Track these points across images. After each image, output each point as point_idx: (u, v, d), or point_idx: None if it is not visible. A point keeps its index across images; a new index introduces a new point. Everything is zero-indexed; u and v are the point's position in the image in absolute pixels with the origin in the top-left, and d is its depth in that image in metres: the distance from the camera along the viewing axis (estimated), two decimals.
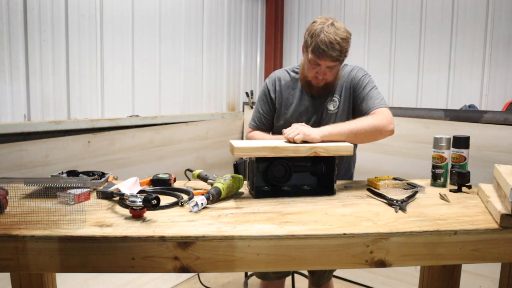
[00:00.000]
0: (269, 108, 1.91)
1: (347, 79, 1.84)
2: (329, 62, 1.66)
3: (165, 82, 3.15)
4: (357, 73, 1.84)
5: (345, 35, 1.67)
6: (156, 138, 2.97)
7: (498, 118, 2.66)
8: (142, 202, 1.19)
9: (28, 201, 1.33)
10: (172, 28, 3.17)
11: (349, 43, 1.69)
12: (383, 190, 1.55)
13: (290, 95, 1.87)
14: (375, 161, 3.03)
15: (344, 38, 1.65)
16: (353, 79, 1.83)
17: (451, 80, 3.25)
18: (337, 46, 1.63)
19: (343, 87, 1.83)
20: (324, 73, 1.71)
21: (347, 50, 1.69)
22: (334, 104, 1.83)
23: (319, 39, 1.63)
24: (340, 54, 1.65)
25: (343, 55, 1.68)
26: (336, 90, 1.84)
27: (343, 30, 1.67)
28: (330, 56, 1.63)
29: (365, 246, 1.13)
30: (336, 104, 1.83)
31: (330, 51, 1.62)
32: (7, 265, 1.09)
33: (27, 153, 2.22)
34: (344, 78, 1.84)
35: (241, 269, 1.13)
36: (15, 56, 2.25)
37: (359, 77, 1.83)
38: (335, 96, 1.83)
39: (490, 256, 1.20)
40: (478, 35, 3.10)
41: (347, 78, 1.84)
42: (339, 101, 1.83)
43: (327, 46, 1.62)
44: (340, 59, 1.68)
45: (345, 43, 1.66)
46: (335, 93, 1.83)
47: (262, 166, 1.54)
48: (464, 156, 1.66)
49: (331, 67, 1.70)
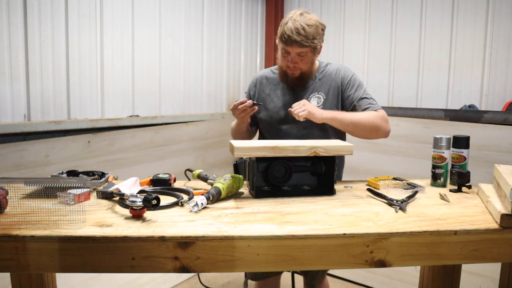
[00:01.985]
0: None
1: (334, 79, 1.86)
2: (296, 48, 1.69)
3: (165, 82, 3.15)
4: (346, 73, 1.86)
5: (313, 22, 1.69)
6: (156, 138, 2.97)
7: (498, 118, 2.66)
8: (142, 202, 1.19)
9: (28, 201, 1.33)
10: (172, 28, 3.17)
11: (318, 31, 1.70)
12: (383, 190, 1.55)
13: (271, 91, 1.91)
14: (375, 161, 3.03)
15: (310, 24, 1.68)
16: (343, 79, 1.85)
17: (451, 80, 3.25)
18: (302, 32, 1.66)
19: (331, 86, 1.85)
20: (295, 61, 1.74)
21: (315, 37, 1.70)
22: (319, 100, 1.83)
23: (286, 27, 1.68)
24: (306, 39, 1.67)
25: (310, 41, 1.68)
26: (321, 87, 1.85)
27: (311, 18, 1.71)
28: (295, 41, 1.67)
29: (365, 246, 1.13)
30: (320, 101, 1.83)
31: (295, 36, 1.66)
32: (7, 265, 1.09)
33: (27, 153, 2.22)
34: (331, 77, 1.86)
35: (241, 269, 1.13)
36: (15, 56, 2.25)
37: (348, 78, 1.85)
38: (320, 93, 1.84)
39: (490, 256, 1.20)
40: (478, 35, 3.11)
41: (335, 77, 1.86)
42: (324, 99, 1.83)
43: (292, 32, 1.66)
44: (306, 44, 1.69)
45: (312, 29, 1.68)
46: (320, 90, 1.85)
47: (262, 166, 1.54)
48: (464, 156, 1.66)
49: (301, 55, 1.72)
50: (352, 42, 3.75)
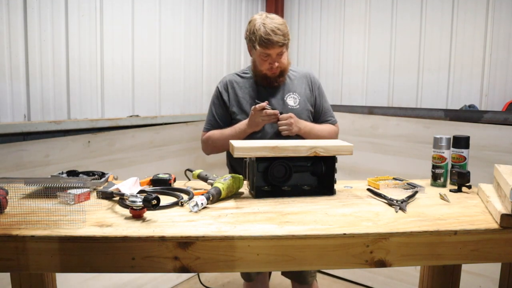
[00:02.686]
0: (223, 111, 1.94)
1: (307, 82, 1.97)
2: (277, 48, 1.77)
3: (165, 82, 3.15)
4: (316, 80, 2.01)
5: (282, 21, 1.80)
6: (156, 138, 2.97)
7: (498, 118, 2.66)
8: (142, 202, 1.19)
9: (28, 201, 1.33)
10: (172, 28, 3.17)
11: (287, 27, 1.82)
12: (383, 190, 1.55)
13: (245, 94, 1.93)
14: (375, 161, 3.03)
15: (281, 23, 1.79)
16: (314, 85, 1.99)
17: (451, 80, 3.25)
18: (279, 32, 1.75)
19: (304, 89, 1.95)
20: (277, 60, 1.81)
21: (288, 33, 1.81)
22: (295, 100, 1.92)
23: (262, 32, 1.75)
24: (284, 37, 1.77)
25: (287, 38, 1.80)
26: (295, 88, 1.94)
27: (278, 18, 1.81)
28: (276, 42, 1.75)
29: (365, 246, 1.13)
30: (296, 101, 1.92)
31: (274, 37, 1.74)
32: (7, 265, 1.09)
33: (27, 153, 2.22)
34: (304, 80, 1.97)
35: (241, 269, 1.13)
36: (15, 56, 2.25)
37: (318, 85, 2.00)
38: (295, 93, 1.93)
39: (490, 256, 1.20)
40: (478, 35, 3.10)
41: (307, 81, 1.97)
42: (300, 99, 1.92)
43: (270, 34, 1.74)
44: (285, 42, 1.79)
45: (284, 27, 1.79)
46: (295, 90, 1.93)
47: (262, 166, 1.54)
48: (464, 156, 1.66)
49: (280, 54, 1.81)
50: (352, 42, 3.74)
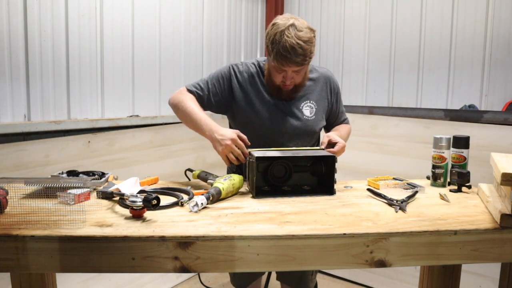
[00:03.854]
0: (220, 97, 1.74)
1: (326, 86, 1.81)
2: (294, 67, 1.58)
3: (165, 82, 3.15)
4: (336, 85, 1.86)
5: (308, 36, 1.54)
6: (156, 138, 2.97)
7: (498, 118, 2.66)
8: (142, 202, 1.19)
9: (28, 201, 1.33)
10: (172, 28, 3.17)
11: (313, 43, 1.57)
12: (383, 190, 1.55)
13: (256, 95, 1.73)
14: (375, 161, 3.03)
15: (306, 40, 1.53)
16: (333, 89, 1.84)
17: (451, 80, 3.25)
18: (300, 51, 1.52)
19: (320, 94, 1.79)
20: (291, 77, 1.63)
21: (312, 51, 1.57)
22: (311, 110, 1.76)
23: (280, 46, 1.52)
24: (304, 58, 1.55)
25: (308, 58, 1.57)
26: (311, 95, 1.78)
27: (305, 30, 1.55)
28: (294, 62, 1.54)
29: (365, 246, 1.13)
30: (313, 111, 1.77)
31: (293, 57, 1.53)
32: (7, 265, 1.09)
33: (27, 153, 2.22)
34: (321, 84, 1.80)
35: (241, 269, 1.13)
36: (15, 56, 2.25)
37: (337, 89, 1.87)
38: (312, 101, 1.77)
39: (490, 256, 1.20)
40: (478, 35, 3.10)
41: (326, 84, 1.81)
42: (316, 108, 1.78)
43: (289, 52, 1.52)
44: (305, 62, 1.58)
45: (308, 44, 1.54)
46: (310, 98, 1.77)
47: (262, 166, 1.54)
48: (464, 156, 1.65)
49: (297, 71, 1.62)
50: (352, 42, 3.75)
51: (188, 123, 1.69)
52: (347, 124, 1.96)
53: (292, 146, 1.73)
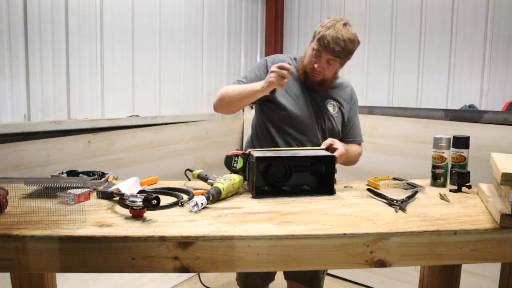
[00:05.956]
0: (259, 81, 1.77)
1: (349, 93, 1.91)
2: (330, 55, 1.68)
3: (165, 82, 3.15)
4: (355, 95, 1.95)
5: (353, 37, 1.69)
6: (156, 138, 2.97)
7: (498, 118, 2.66)
8: (142, 202, 1.19)
9: (28, 201, 1.33)
10: (172, 28, 3.17)
11: (354, 45, 1.71)
12: (383, 190, 1.55)
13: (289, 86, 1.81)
14: (375, 161, 3.03)
15: (351, 39, 1.67)
16: (353, 100, 1.93)
17: (451, 80, 3.25)
18: (342, 43, 1.65)
19: (343, 100, 1.88)
20: (323, 66, 1.72)
21: (350, 52, 1.71)
22: (333, 108, 1.85)
23: (328, 32, 1.66)
24: (343, 51, 1.67)
25: (345, 54, 1.69)
26: (336, 96, 1.87)
27: (353, 33, 1.70)
28: (332, 50, 1.66)
29: (365, 246, 1.13)
30: (335, 109, 1.86)
31: (333, 45, 1.65)
32: (7, 265, 1.09)
33: (27, 153, 2.22)
34: (345, 91, 1.90)
35: (241, 269, 1.13)
36: (15, 56, 2.25)
37: (356, 100, 1.95)
38: (335, 102, 1.86)
39: (490, 256, 1.20)
40: (478, 35, 3.11)
41: (348, 93, 1.91)
42: (338, 108, 1.86)
43: (333, 39, 1.65)
44: (341, 56, 1.69)
45: (351, 43, 1.68)
46: (335, 99, 1.87)
47: (262, 166, 1.54)
48: (464, 156, 1.66)
49: (330, 63, 1.72)
50: None
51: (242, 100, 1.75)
52: (359, 146, 1.95)
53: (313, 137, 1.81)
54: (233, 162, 1.55)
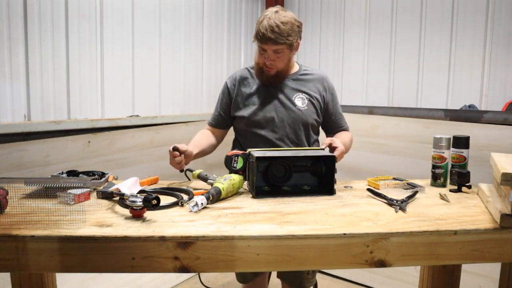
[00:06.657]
0: (228, 108, 1.93)
1: (320, 84, 1.90)
2: (271, 45, 1.71)
3: (165, 82, 3.15)
4: (331, 84, 1.94)
5: (287, 19, 1.70)
6: (156, 138, 2.97)
7: (498, 118, 2.66)
8: (142, 202, 1.19)
9: (28, 201, 1.33)
10: (172, 28, 3.17)
11: (293, 28, 1.72)
12: (383, 190, 1.55)
13: (250, 89, 1.88)
14: (375, 161, 3.03)
15: (285, 22, 1.69)
16: (329, 89, 1.92)
17: (451, 80, 3.25)
18: (276, 29, 1.67)
19: (315, 91, 1.88)
20: (272, 58, 1.75)
21: (290, 34, 1.71)
22: (303, 102, 1.85)
23: (261, 25, 1.70)
24: (280, 36, 1.68)
25: (284, 38, 1.70)
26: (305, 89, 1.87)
27: (286, 15, 1.72)
28: (269, 38, 1.68)
29: (365, 246, 1.13)
30: (304, 102, 1.85)
31: (269, 34, 1.67)
32: (7, 265, 1.09)
33: (27, 153, 2.22)
34: (317, 82, 1.90)
35: (241, 269, 1.13)
36: (15, 56, 2.25)
37: (333, 89, 1.94)
38: (304, 94, 1.87)
39: (490, 256, 1.20)
40: (478, 35, 3.10)
41: (321, 82, 1.90)
42: (308, 101, 1.86)
43: (267, 30, 1.68)
44: (281, 41, 1.70)
45: (287, 26, 1.69)
46: (303, 91, 1.87)
47: (262, 166, 1.54)
48: (464, 156, 1.66)
49: (277, 52, 1.73)
50: (352, 42, 3.74)
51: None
52: (348, 132, 1.98)
53: (284, 136, 1.82)
54: (233, 162, 1.55)
